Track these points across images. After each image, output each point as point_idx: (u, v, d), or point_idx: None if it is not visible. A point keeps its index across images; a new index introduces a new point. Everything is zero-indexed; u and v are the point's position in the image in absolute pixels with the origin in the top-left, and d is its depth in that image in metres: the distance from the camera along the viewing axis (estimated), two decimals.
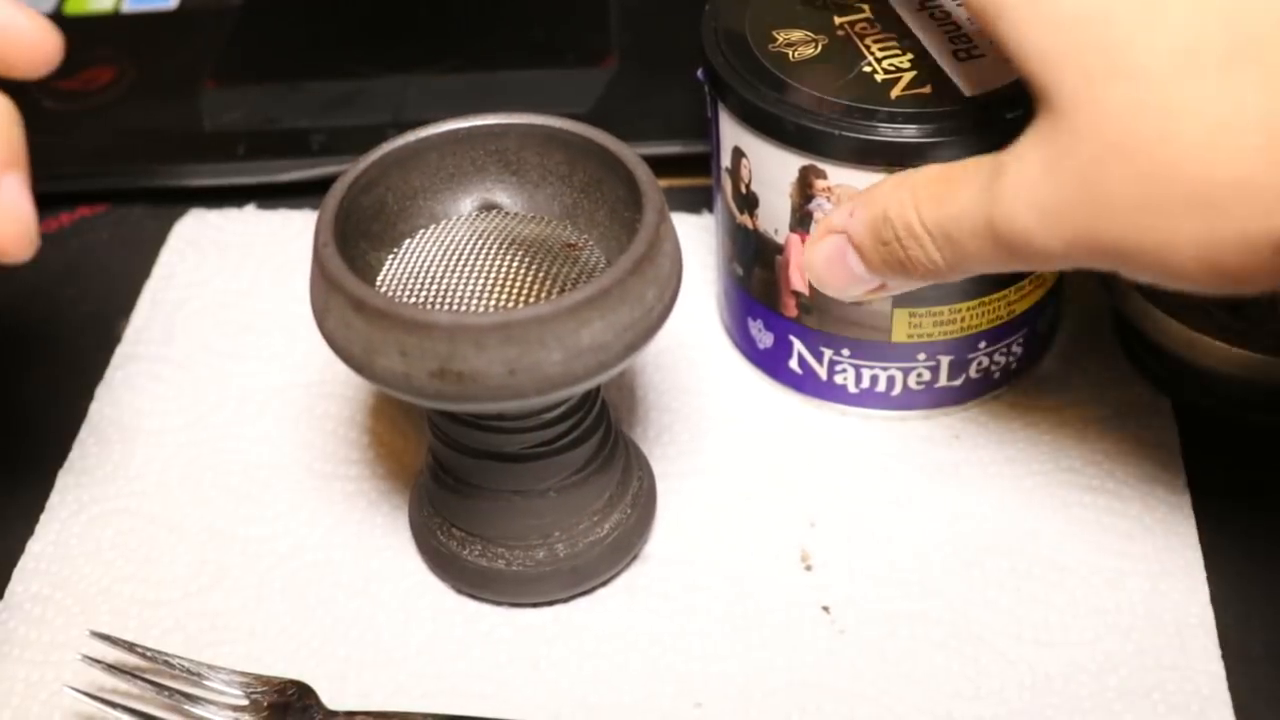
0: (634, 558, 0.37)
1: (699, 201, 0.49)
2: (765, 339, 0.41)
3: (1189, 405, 0.41)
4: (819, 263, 0.34)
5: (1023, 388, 0.42)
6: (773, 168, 0.36)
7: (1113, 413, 0.41)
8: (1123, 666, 0.34)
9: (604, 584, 0.37)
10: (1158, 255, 0.26)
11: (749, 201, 0.38)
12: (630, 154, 0.33)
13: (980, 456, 0.40)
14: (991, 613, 0.36)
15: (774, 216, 0.37)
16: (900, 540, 0.38)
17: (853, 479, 0.39)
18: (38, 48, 0.29)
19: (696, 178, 0.50)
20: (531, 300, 0.32)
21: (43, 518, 0.39)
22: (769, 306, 0.40)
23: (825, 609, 0.36)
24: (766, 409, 0.41)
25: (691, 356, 0.43)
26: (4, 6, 0.29)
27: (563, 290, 0.33)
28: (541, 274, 0.33)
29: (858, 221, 0.33)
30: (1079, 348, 0.43)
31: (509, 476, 0.34)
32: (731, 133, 0.38)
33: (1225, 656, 0.35)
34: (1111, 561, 0.37)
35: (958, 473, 0.39)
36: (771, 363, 0.41)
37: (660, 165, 0.44)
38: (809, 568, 0.37)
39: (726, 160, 0.39)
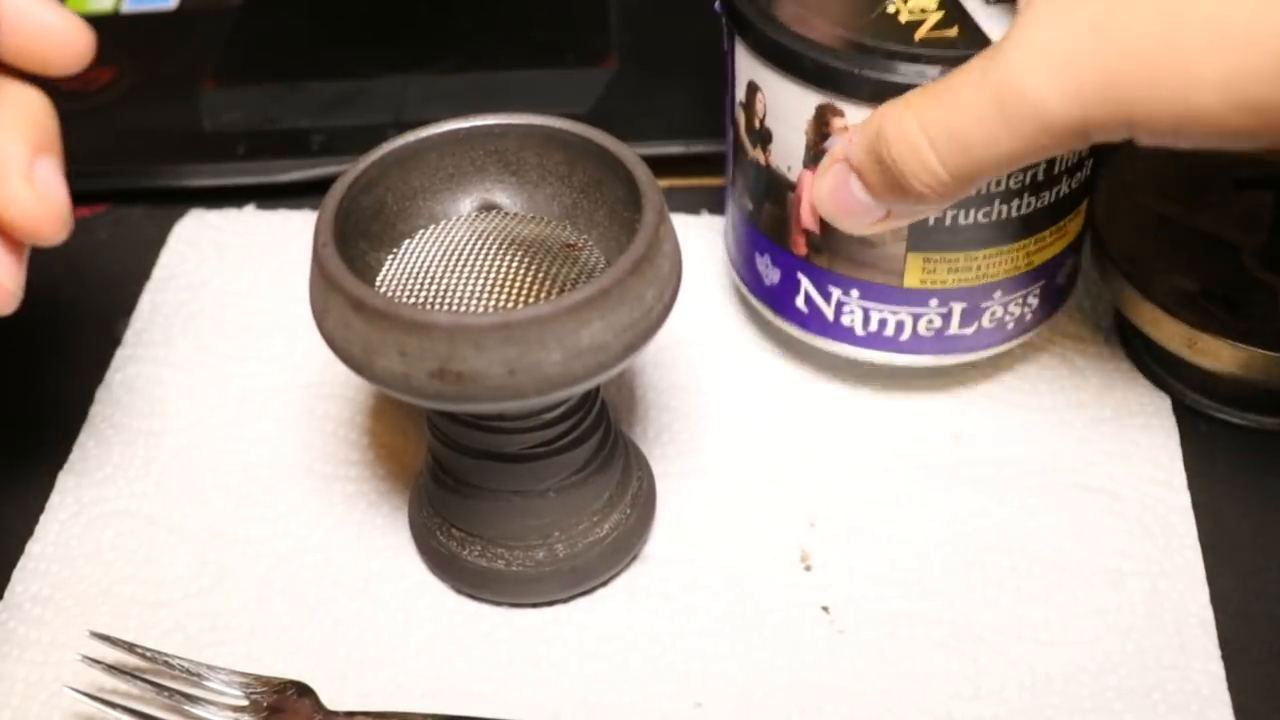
0: (634, 558, 0.37)
1: (699, 201, 0.49)
2: (772, 275, 0.40)
3: (1189, 405, 0.41)
4: (824, 193, 0.33)
5: (1022, 387, 0.42)
6: (788, 104, 0.36)
7: (1113, 413, 0.41)
8: (1123, 666, 0.34)
9: (604, 584, 0.37)
10: (1182, 96, 0.25)
11: (762, 137, 0.37)
12: (630, 154, 0.33)
13: (980, 456, 0.40)
14: (991, 613, 0.36)
15: (788, 154, 0.36)
16: (900, 540, 0.38)
17: (853, 479, 0.39)
18: (70, 45, 0.30)
19: (696, 178, 0.50)
20: (531, 301, 0.32)
21: (43, 518, 0.39)
22: (778, 243, 0.39)
23: (825, 609, 0.36)
24: (767, 408, 0.41)
25: (691, 355, 0.43)
26: (38, 4, 0.29)
27: (562, 290, 0.33)
28: (541, 274, 0.33)
29: (855, 145, 0.32)
30: (1079, 347, 0.43)
31: (509, 477, 0.34)
32: (747, 66, 0.37)
33: (1225, 656, 0.35)
34: (1111, 561, 0.37)
35: (958, 473, 0.39)
36: (777, 299, 0.40)
37: (660, 165, 0.44)
38: (809, 568, 0.37)
39: (740, 94, 0.38)
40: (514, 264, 0.33)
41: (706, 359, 0.43)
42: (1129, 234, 0.43)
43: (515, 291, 0.32)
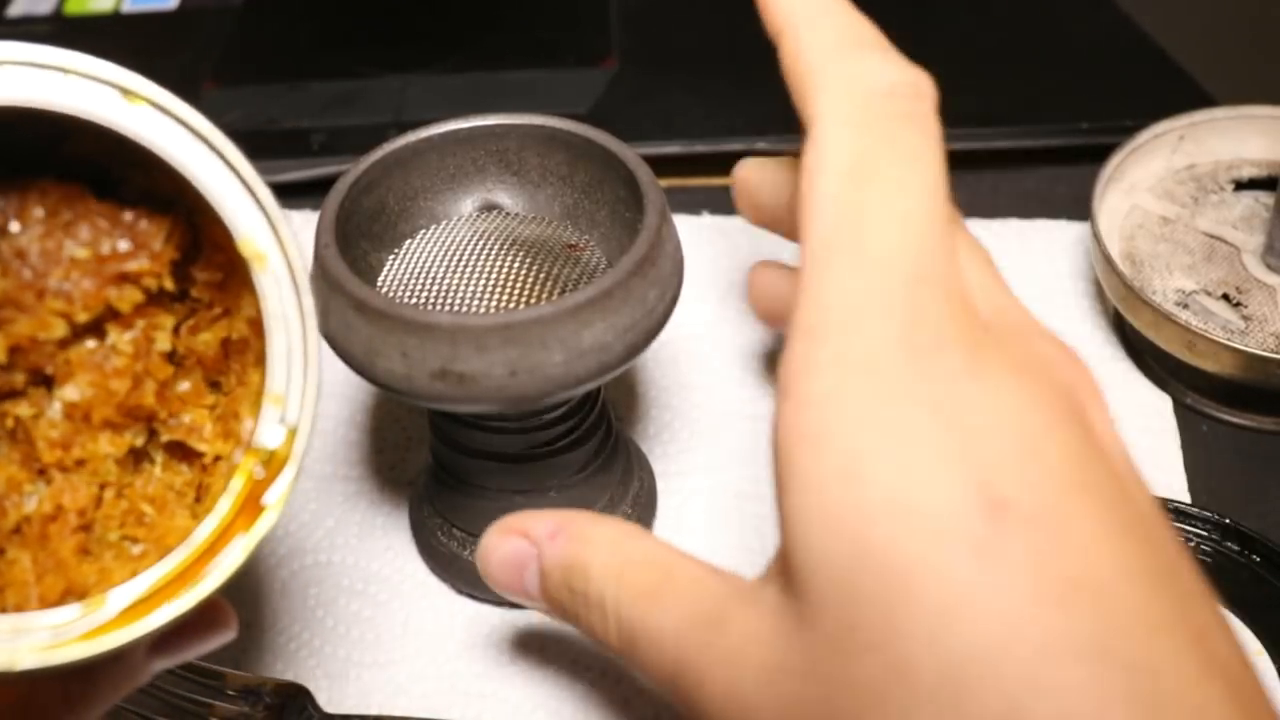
0: None
1: (699, 201, 0.49)
2: None
3: (1189, 405, 0.41)
4: (494, 561, 0.29)
5: None
6: None
7: (1113, 413, 0.41)
8: None
9: None
10: None
11: None
12: (630, 154, 0.33)
13: None
14: None
15: None
16: None
17: None
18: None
19: (696, 177, 0.50)
20: (533, 301, 0.32)
21: None
22: None
23: None
24: (768, 407, 0.41)
25: (692, 354, 0.43)
26: None
27: (564, 291, 0.33)
28: (542, 275, 0.33)
29: (557, 551, 0.28)
30: (1079, 348, 0.43)
31: (510, 477, 0.34)
32: None
33: None
34: None
35: None
36: None
37: (660, 165, 0.44)
38: None
39: None
40: (515, 264, 0.33)
41: (707, 358, 0.43)
42: (1129, 234, 0.43)
43: (517, 292, 0.32)
